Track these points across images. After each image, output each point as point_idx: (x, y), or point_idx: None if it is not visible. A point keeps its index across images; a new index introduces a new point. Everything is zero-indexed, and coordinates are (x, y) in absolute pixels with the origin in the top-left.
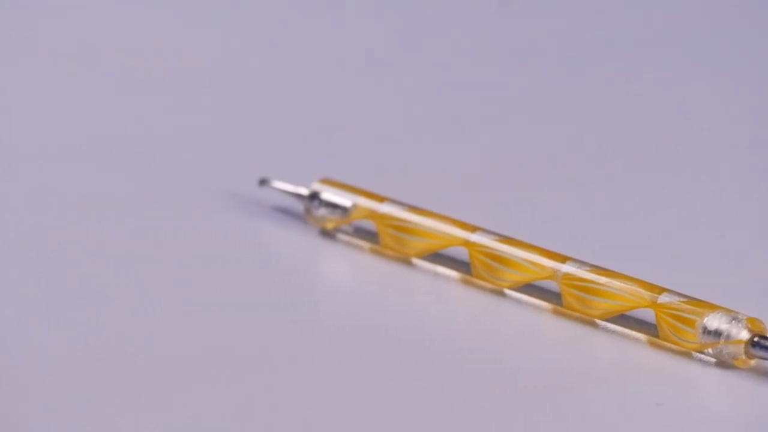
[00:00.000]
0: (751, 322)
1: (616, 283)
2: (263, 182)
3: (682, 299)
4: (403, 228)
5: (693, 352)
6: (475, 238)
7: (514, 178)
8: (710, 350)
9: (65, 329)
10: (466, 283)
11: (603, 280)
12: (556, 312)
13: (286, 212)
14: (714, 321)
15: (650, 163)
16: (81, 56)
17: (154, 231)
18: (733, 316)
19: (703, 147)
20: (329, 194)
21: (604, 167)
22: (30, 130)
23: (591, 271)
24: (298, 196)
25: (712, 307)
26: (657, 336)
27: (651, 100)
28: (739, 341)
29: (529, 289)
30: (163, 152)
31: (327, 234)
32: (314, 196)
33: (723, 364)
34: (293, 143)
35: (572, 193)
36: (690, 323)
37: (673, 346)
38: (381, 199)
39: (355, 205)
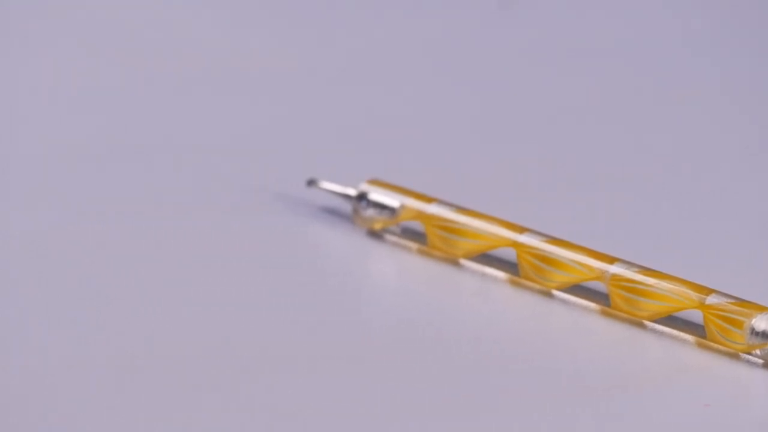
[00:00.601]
0: None
1: (664, 285)
2: (311, 183)
3: (730, 300)
4: (450, 229)
5: (741, 353)
6: (523, 239)
7: (562, 179)
8: (758, 351)
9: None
10: (514, 284)
11: (651, 281)
12: (603, 313)
13: (334, 213)
14: (762, 322)
15: (700, 165)
16: (112, 56)
17: (204, 231)
18: None
19: (750, 150)
20: (377, 195)
21: (652, 168)
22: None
23: (639, 272)
24: (346, 196)
25: (761, 308)
26: (704, 337)
27: (694, 100)
28: None
29: (577, 290)
30: (212, 153)
31: (375, 235)
32: (362, 197)
33: None
34: (341, 144)
35: (620, 194)
36: (738, 324)
37: (721, 347)
38: (429, 199)
39: (402, 206)
